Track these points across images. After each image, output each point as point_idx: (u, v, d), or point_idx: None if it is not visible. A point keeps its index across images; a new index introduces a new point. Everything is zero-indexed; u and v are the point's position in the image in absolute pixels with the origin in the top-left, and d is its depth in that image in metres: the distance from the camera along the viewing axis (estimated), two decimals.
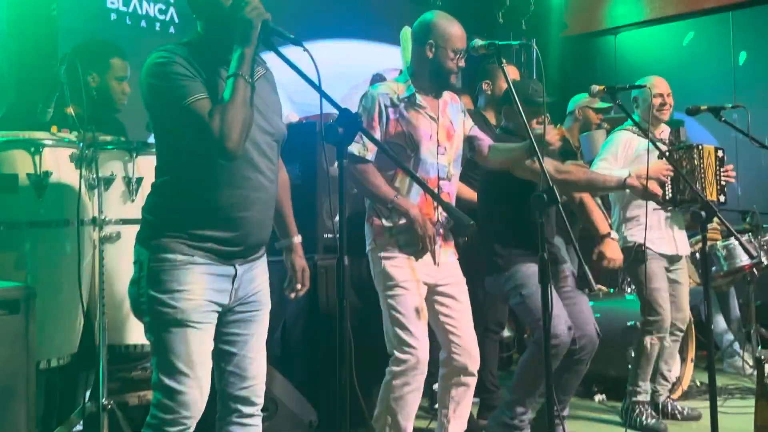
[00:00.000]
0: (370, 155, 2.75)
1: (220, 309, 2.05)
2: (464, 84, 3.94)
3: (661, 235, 3.79)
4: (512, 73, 3.72)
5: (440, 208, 2.79)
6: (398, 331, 2.69)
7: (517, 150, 2.86)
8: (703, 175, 3.73)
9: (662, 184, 3.70)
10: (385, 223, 2.77)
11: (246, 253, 2.09)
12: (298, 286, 2.39)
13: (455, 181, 2.92)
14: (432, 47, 2.79)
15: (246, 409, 2.13)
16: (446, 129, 2.87)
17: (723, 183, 3.82)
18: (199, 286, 1.98)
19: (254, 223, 2.07)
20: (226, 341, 2.10)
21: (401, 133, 2.75)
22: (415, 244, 2.73)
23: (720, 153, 3.82)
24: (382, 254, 2.76)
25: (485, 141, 2.99)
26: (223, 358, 2.11)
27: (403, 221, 2.75)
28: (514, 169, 3.02)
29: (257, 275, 2.17)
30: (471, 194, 3.49)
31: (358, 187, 2.80)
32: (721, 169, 3.80)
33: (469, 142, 2.98)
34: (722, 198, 3.82)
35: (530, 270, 3.11)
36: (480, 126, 3.71)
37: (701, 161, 3.74)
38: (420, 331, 2.70)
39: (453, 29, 2.81)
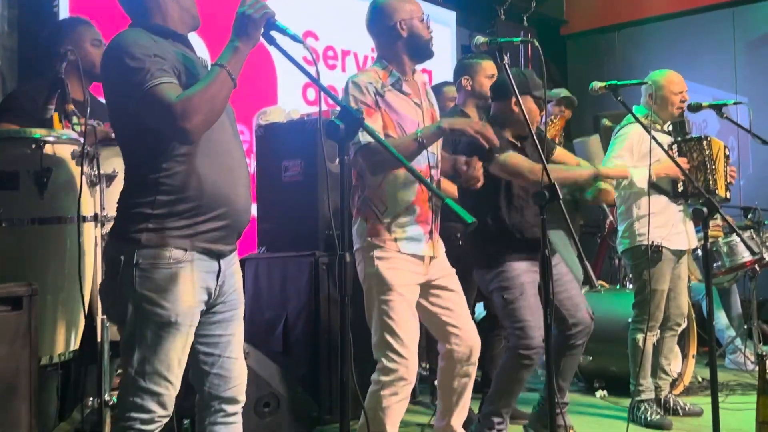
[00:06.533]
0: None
1: (204, 308, 2.00)
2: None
3: (678, 230, 3.75)
4: (490, 68, 3.71)
5: (434, 200, 2.71)
6: (389, 338, 2.59)
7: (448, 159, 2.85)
8: (714, 167, 3.71)
9: (674, 179, 3.69)
10: (383, 219, 2.65)
11: (231, 239, 2.05)
12: None
13: (440, 167, 2.86)
14: (403, 24, 2.74)
15: (230, 409, 2.10)
16: (431, 114, 2.82)
17: (728, 181, 3.81)
18: (193, 285, 1.93)
19: (242, 200, 2.03)
20: (209, 343, 2.06)
21: (391, 123, 2.66)
22: (416, 237, 2.67)
23: (727, 151, 3.83)
24: (376, 253, 2.64)
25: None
26: (206, 361, 2.06)
27: (404, 218, 2.67)
28: (492, 168, 3.01)
29: (235, 271, 2.12)
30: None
31: (378, 164, 2.59)
32: (727, 168, 3.80)
33: None
34: (728, 194, 3.81)
35: (517, 270, 3.07)
36: None
37: (710, 152, 3.72)
38: (411, 340, 2.62)
39: (412, 3, 2.79)
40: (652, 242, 3.65)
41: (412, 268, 2.67)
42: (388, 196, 2.66)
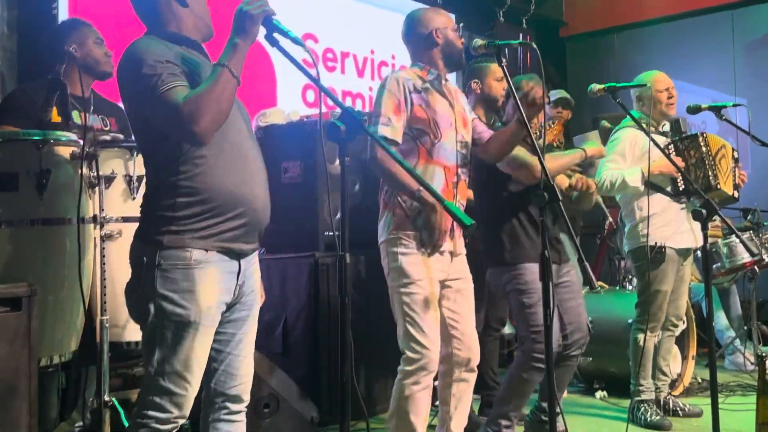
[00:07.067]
0: (401, 139, 2.71)
1: (225, 308, 2.03)
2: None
3: (682, 229, 3.74)
4: (499, 71, 3.72)
5: (458, 196, 2.78)
6: (411, 329, 2.66)
7: (509, 129, 2.88)
8: (713, 163, 3.70)
9: (674, 178, 3.69)
10: (409, 213, 2.70)
11: (252, 238, 2.06)
12: None
13: (468, 168, 2.90)
14: (439, 33, 2.85)
15: (235, 407, 2.11)
16: (462, 116, 2.88)
17: (737, 182, 3.81)
18: (213, 286, 1.95)
19: (260, 200, 2.06)
20: (221, 341, 2.07)
21: (426, 119, 2.74)
22: (432, 239, 2.70)
23: (735, 154, 3.83)
24: (399, 249, 2.70)
25: (486, 132, 2.99)
26: (215, 358, 2.07)
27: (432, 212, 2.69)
28: (500, 163, 3.06)
29: (255, 271, 2.15)
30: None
31: (383, 173, 2.70)
32: (736, 169, 3.80)
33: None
34: (736, 194, 3.81)
35: (534, 273, 3.05)
36: None
37: (708, 149, 3.72)
38: (432, 331, 2.68)
39: (445, 15, 2.95)
40: (656, 243, 3.66)
41: (434, 264, 2.72)
42: None
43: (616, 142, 3.79)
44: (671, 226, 3.72)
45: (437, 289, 2.73)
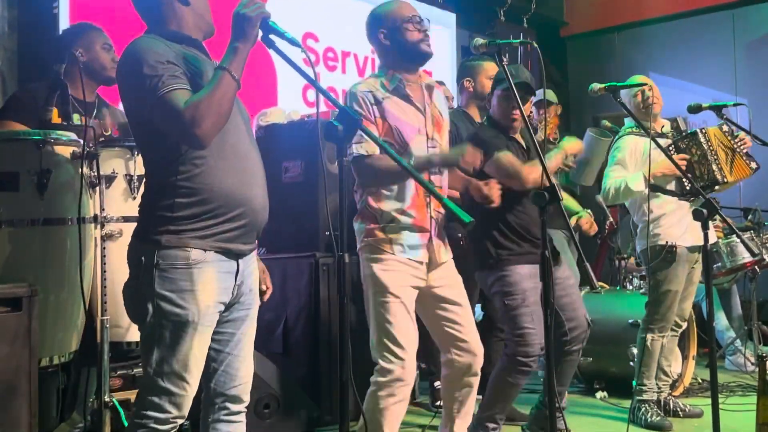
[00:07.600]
0: (378, 150, 2.62)
1: (223, 308, 2.03)
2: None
3: (692, 226, 3.69)
4: (492, 69, 3.71)
5: (433, 204, 2.69)
6: (386, 340, 2.59)
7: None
8: (717, 157, 3.69)
9: (680, 178, 3.68)
10: (380, 222, 2.65)
11: (250, 238, 2.06)
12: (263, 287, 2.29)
13: (446, 174, 2.81)
14: (385, 34, 2.70)
15: (234, 407, 2.11)
16: (435, 119, 2.77)
17: (745, 151, 3.78)
18: (211, 285, 1.95)
19: (259, 200, 2.06)
20: (220, 341, 2.07)
21: (389, 129, 2.65)
22: (412, 245, 2.65)
23: (725, 127, 3.78)
24: (373, 256, 2.65)
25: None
26: (215, 358, 2.07)
27: (400, 223, 2.65)
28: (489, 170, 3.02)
29: (253, 271, 2.15)
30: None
31: (373, 181, 2.66)
32: (735, 141, 3.76)
33: None
34: (754, 165, 3.76)
35: (520, 274, 3.05)
36: (464, 124, 3.70)
37: (709, 144, 3.71)
38: (408, 342, 2.61)
39: (393, 6, 2.75)
40: (667, 242, 3.66)
41: (409, 271, 2.65)
42: (384, 201, 2.66)
43: (616, 152, 3.78)
44: (682, 224, 3.71)
45: (413, 298, 2.66)
